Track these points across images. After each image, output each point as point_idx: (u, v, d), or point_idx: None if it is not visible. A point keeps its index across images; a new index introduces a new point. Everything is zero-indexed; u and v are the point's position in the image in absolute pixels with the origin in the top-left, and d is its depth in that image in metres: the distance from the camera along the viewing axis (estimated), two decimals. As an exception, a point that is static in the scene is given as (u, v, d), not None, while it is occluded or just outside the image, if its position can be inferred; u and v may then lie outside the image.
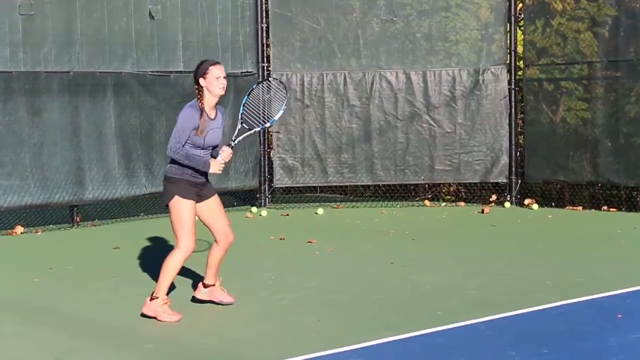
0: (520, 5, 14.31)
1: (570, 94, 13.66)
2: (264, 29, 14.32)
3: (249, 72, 14.03)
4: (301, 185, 14.60)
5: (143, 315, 7.49)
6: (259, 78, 14.01)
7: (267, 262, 9.84)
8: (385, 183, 14.55)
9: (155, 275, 9.32)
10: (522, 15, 14.27)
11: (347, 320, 7.42)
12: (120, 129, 12.89)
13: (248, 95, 7.89)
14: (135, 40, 12.97)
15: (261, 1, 14.22)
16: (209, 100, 7.53)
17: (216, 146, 7.58)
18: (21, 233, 12.11)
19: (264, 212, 13.74)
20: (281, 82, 8.13)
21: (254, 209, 14.03)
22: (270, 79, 8.03)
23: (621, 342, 6.50)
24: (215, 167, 7.46)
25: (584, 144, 13.55)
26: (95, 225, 12.79)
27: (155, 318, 7.41)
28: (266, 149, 14.45)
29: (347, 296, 8.26)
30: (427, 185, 14.92)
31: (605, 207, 13.48)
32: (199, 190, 7.53)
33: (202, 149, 7.44)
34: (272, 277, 9.02)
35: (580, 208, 13.64)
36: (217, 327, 7.26)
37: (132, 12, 12.94)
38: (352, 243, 11.16)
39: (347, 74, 14.25)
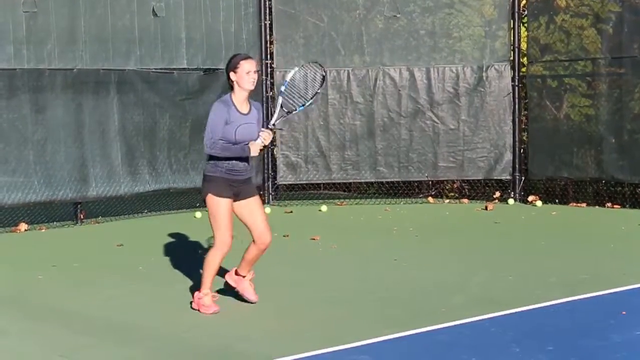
0: (524, 1, 14.29)
1: (573, 90, 13.64)
2: (268, 26, 14.32)
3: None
4: (305, 182, 14.60)
5: (193, 308, 7.63)
6: (262, 75, 14.00)
7: (271, 259, 9.82)
8: (389, 180, 14.55)
9: (159, 273, 9.35)
10: (526, 12, 14.25)
11: (351, 317, 7.42)
12: (124, 126, 12.90)
13: (290, 79, 7.87)
14: (138, 37, 12.97)
15: (264, -2, 14.23)
16: (239, 95, 7.54)
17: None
18: (25, 230, 12.13)
19: (267, 209, 13.72)
20: (319, 65, 8.09)
21: (258, 206, 13.99)
22: (309, 62, 8.07)
23: (625, 339, 6.49)
24: (255, 148, 7.42)
25: (588, 140, 13.53)
26: (98, 223, 12.80)
27: (198, 310, 7.55)
28: (270, 146, 14.42)
29: (350, 293, 8.26)
30: (430, 182, 14.91)
31: (609, 204, 13.46)
32: (237, 188, 7.49)
33: (235, 144, 7.40)
34: (276, 274, 9.02)
35: (584, 205, 13.63)
36: (220, 324, 7.26)
37: (136, 9, 12.94)
38: (355, 240, 11.16)
39: (350, 71, 14.24)
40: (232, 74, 7.54)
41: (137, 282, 8.91)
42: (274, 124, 7.69)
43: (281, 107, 7.79)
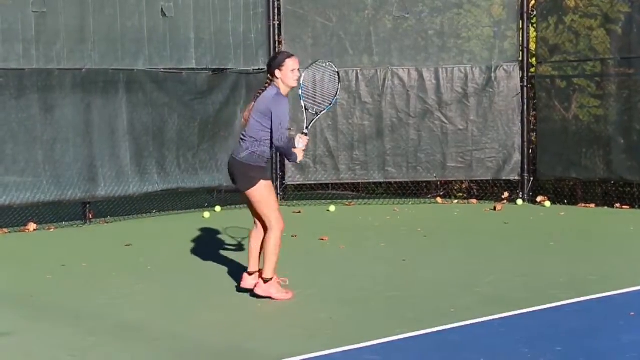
0: (533, 2, 14.27)
1: (582, 91, 13.62)
2: (276, 26, 14.33)
3: (261, 69, 14.02)
4: (313, 182, 14.60)
5: (254, 295, 7.80)
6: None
7: (280, 259, 9.83)
8: (397, 180, 14.55)
9: (168, 273, 9.36)
10: (535, 12, 14.24)
11: (360, 317, 7.42)
12: (133, 126, 12.92)
13: (300, 83, 8.06)
14: (147, 37, 12.99)
15: (273, -1, 14.24)
16: (284, 91, 7.80)
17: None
18: (34, 230, 12.15)
19: (275, 209, 13.72)
20: (330, 62, 8.35)
21: (266, 206, 14.00)
22: (317, 62, 8.32)
23: (634, 340, 6.48)
24: (300, 155, 7.85)
25: (597, 141, 13.51)
26: (107, 222, 12.82)
27: (269, 297, 7.77)
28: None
29: (359, 293, 8.26)
30: (439, 183, 14.91)
31: (618, 205, 13.44)
32: None
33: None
34: (285, 274, 9.02)
35: (592, 205, 13.60)
36: (229, 323, 7.27)
37: (145, 9, 12.96)
38: (364, 240, 11.16)
39: (359, 71, 14.24)
40: (277, 72, 7.75)
41: (146, 282, 8.92)
42: (307, 128, 7.96)
43: (307, 110, 8.03)
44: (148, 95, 13.05)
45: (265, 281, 7.80)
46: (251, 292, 7.91)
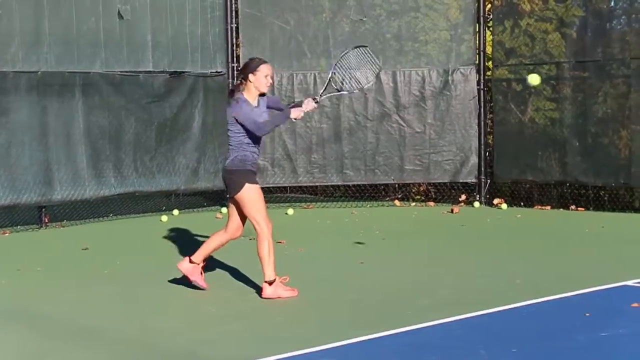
0: (489, 6, 14.38)
1: (538, 94, 13.75)
2: (234, 29, 14.30)
3: (219, 72, 14.00)
4: (271, 185, 14.58)
5: (264, 298, 7.98)
6: (228, 78, 13.99)
7: (237, 262, 9.80)
8: (355, 183, 14.58)
9: (124, 276, 9.30)
10: (491, 16, 14.34)
11: (318, 320, 7.42)
12: (89, 129, 12.82)
13: (341, 57, 8.22)
14: (104, 40, 12.90)
15: (231, 1, 14.20)
16: (253, 94, 7.99)
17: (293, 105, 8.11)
18: (-11, 234, 12.03)
19: (234, 213, 13.68)
20: (378, 61, 8.47)
21: (224, 210, 13.98)
22: (366, 47, 8.35)
23: (590, 340, 6.54)
24: (295, 113, 8.02)
25: (552, 143, 13.64)
26: (63, 226, 12.71)
27: (278, 297, 7.96)
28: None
29: (317, 296, 8.25)
30: (397, 185, 14.96)
31: (573, 207, 13.57)
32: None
33: (248, 130, 7.87)
34: (242, 278, 9.00)
35: (548, 207, 13.73)
36: (187, 327, 7.23)
37: (101, 12, 12.87)
38: (322, 243, 11.16)
39: (317, 74, 14.25)
40: (251, 76, 7.93)
41: (103, 286, 8.85)
42: (320, 96, 8.12)
43: (330, 82, 8.22)
44: (105, 98, 12.97)
45: (270, 283, 7.98)
46: (260, 294, 8.09)
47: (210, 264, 9.50)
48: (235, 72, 14.16)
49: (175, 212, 13.68)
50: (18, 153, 12.17)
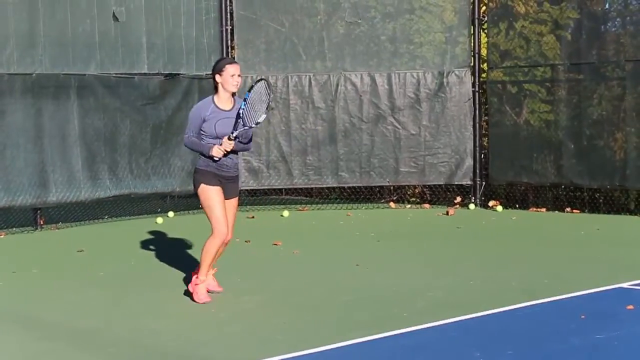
0: (484, 8, 14.40)
1: (533, 96, 13.77)
2: (229, 31, 14.31)
3: (214, 74, 13.98)
4: (266, 187, 14.59)
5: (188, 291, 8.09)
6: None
7: (233, 264, 9.81)
8: (351, 185, 14.59)
9: (120, 278, 9.30)
10: (486, 18, 14.36)
11: (313, 322, 7.42)
12: (84, 131, 12.81)
13: (249, 91, 8.00)
14: (99, 42, 12.90)
15: (226, 3, 14.20)
16: (222, 95, 7.97)
17: (229, 137, 7.90)
18: (-17, 236, 12.01)
19: (229, 215, 13.68)
20: (268, 85, 8.23)
21: (219, 212, 13.97)
22: (262, 80, 8.17)
23: (585, 343, 6.55)
24: (215, 151, 7.87)
25: (548, 146, 13.66)
26: (59, 228, 12.70)
27: (192, 294, 8.02)
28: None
29: (313, 298, 8.26)
30: (392, 188, 14.97)
31: (568, 209, 13.59)
32: (225, 183, 7.98)
33: (216, 137, 7.86)
34: (238, 280, 9.00)
35: (543, 210, 13.75)
36: (183, 329, 7.23)
37: (96, 14, 12.87)
38: (317, 245, 11.16)
39: (312, 76, 14.26)
40: (217, 76, 7.95)
41: (98, 288, 8.84)
42: (235, 136, 7.90)
43: (242, 119, 7.91)
44: (100, 100, 12.96)
45: (196, 275, 8.03)
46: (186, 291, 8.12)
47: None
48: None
49: (171, 214, 13.68)
50: (13, 155, 12.16)
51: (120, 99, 13.17)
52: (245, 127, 7.91)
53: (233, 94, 8.00)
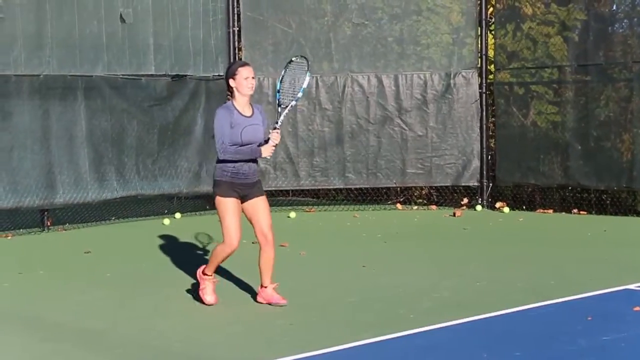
0: (491, 9, 14.38)
1: (540, 97, 13.75)
2: (236, 32, 14.31)
3: (221, 75, 13.98)
4: (273, 188, 14.58)
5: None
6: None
7: (239, 265, 9.81)
8: (357, 186, 14.58)
9: (126, 279, 9.32)
10: (493, 20, 14.34)
11: (320, 323, 7.42)
12: (91, 132, 12.82)
13: (280, 80, 8.16)
14: (106, 43, 12.91)
15: (233, 4, 14.21)
16: (240, 100, 7.82)
17: (260, 144, 7.84)
18: (-9, 237, 12.03)
19: (236, 216, 13.68)
20: (303, 56, 8.33)
21: (226, 213, 13.98)
22: (293, 58, 8.31)
23: (592, 344, 6.54)
24: (267, 151, 7.83)
25: (555, 147, 13.64)
26: (66, 230, 12.71)
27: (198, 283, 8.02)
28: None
29: (319, 299, 8.26)
30: (399, 189, 14.96)
31: (575, 210, 13.57)
32: (243, 191, 7.85)
33: (241, 145, 7.73)
34: (245, 281, 9.01)
35: (550, 211, 13.73)
36: (189, 331, 7.24)
37: (103, 15, 12.88)
38: (324, 246, 11.16)
39: (319, 78, 14.26)
40: (231, 81, 7.82)
41: (105, 289, 8.86)
42: (280, 123, 7.97)
43: (279, 105, 8.10)
44: (107, 102, 12.97)
45: (205, 273, 8.01)
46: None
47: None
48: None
49: (178, 215, 13.69)
50: (20, 156, 12.17)
51: (127, 100, 13.18)
52: (294, 100, 8.04)
53: (250, 100, 7.87)
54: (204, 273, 8.01)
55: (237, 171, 7.77)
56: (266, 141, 7.85)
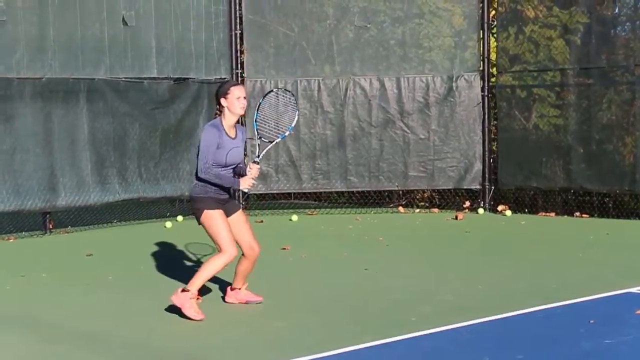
0: (493, 12, 14.39)
1: (542, 100, 13.75)
2: (238, 35, 14.32)
3: (223, 78, 14.00)
4: (275, 191, 14.59)
5: (170, 304, 7.66)
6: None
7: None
8: (359, 189, 14.58)
9: (129, 282, 9.31)
10: (495, 23, 14.35)
11: (322, 326, 7.42)
12: (93, 135, 12.83)
13: (257, 110, 8.06)
14: (108, 46, 12.92)
15: (235, 7, 14.22)
16: (230, 119, 7.73)
17: (237, 165, 7.81)
18: (-7, 240, 12.03)
19: (238, 219, 13.69)
20: (287, 90, 8.30)
21: (228, 216, 13.99)
22: (275, 89, 8.24)
23: (594, 347, 6.54)
24: (246, 183, 7.73)
25: (557, 150, 13.63)
26: (68, 232, 12.72)
27: (180, 309, 7.57)
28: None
29: (321, 302, 8.25)
30: (401, 192, 14.95)
31: (577, 213, 13.56)
32: (224, 204, 7.80)
33: (224, 166, 7.68)
34: (247, 284, 8.99)
35: (553, 214, 13.72)
36: (191, 332, 7.24)
37: (105, 18, 12.89)
38: (326, 249, 11.16)
39: (321, 81, 14.26)
40: (222, 100, 7.71)
41: (107, 292, 8.86)
42: (260, 157, 7.91)
43: (260, 138, 7.99)
44: (109, 105, 12.98)
45: (184, 290, 7.63)
46: (171, 306, 7.76)
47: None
48: (240, 79, 14.19)
49: (180, 218, 13.69)
50: (23, 159, 12.18)
51: (129, 103, 13.19)
52: (279, 137, 7.97)
53: (237, 121, 7.76)
54: (185, 290, 7.62)
55: (219, 190, 7.71)
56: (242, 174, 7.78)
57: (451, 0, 14.20)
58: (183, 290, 7.63)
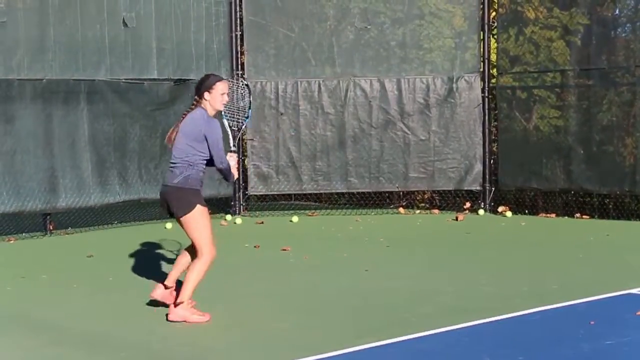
0: (494, 13, 14.39)
1: (543, 101, 13.75)
2: (239, 36, 14.32)
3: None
4: (276, 192, 14.59)
5: (170, 321, 7.52)
6: (234, 86, 13.98)
7: (242, 269, 9.82)
8: (360, 191, 14.57)
9: (129, 283, 9.31)
10: (496, 24, 14.35)
11: (322, 327, 7.42)
12: (94, 136, 12.84)
13: (249, 107, 8.26)
14: (109, 47, 12.92)
15: (235, 9, 14.22)
16: (211, 113, 7.71)
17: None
18: (-7, 241, 12.03)
19: (238, 220, 13.72)
20: (238, 78, 8.42)
21: (229, 217, 14.01)
22: (231, 79, 8.34)
23: (594, 348, 6.54)
24: (235, 173, 7.75)
25: (557, 151, 13.63)
26: (68, 234, 12.72)
27: (184, 321, 7.47)
28: (241, 156, 14.38)
29: (322, 303, 8.25)
30: (401, 193, 14.95)
31: (578, 214, 13.56)
32: None
33: (205, 159, 7.64)
34: (247, 285, 9.01)
35: (553, 215, 13.71)
36: (192, 335, 7.23)
37: (106, 19, 12.90)
38: (326, 250, 11.16)
39: (321, 82, 14.26)
40: (206, 94, 7.65)
41: (108, 293, 8.86)
42: (235, 146, 8.02)
43: (230, 128, 8.11)
44: (109, 106, 12.98)
45: (176, 305, 7.54)
46: (167, 318, 7.64)
47: (216, 271, 9.50)
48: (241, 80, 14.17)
49: (180, 219, 13.66)
50: (23, 160, 12.18)
51: (129, 104, 13.20)
52: (241, 128, 8.19)
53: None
54: (178, 304, 7.51)
55: (202, 183, 7.66)
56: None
57: (451, 1, 14.20)
58: (176, 305, 7.53)
